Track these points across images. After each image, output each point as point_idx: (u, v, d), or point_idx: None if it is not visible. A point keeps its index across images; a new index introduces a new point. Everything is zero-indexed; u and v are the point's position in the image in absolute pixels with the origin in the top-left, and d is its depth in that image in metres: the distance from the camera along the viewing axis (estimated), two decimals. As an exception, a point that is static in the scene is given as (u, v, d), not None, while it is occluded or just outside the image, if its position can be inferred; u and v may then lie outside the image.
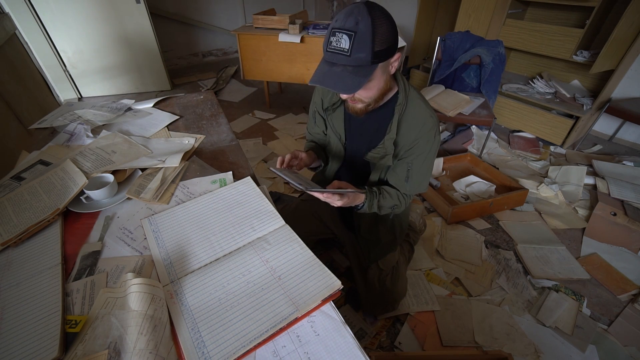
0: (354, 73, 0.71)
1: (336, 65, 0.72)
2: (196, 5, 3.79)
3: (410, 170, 0.93)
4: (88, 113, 1.22)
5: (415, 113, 0.87)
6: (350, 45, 0.68)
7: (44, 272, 0.65)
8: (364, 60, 0.70)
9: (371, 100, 0.81)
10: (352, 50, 0.68)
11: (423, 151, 0.90)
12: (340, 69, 0.71)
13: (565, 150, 2.38)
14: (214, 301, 0.60)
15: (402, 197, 0.98)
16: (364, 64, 0.70)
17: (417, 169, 0.93)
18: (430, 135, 0.88)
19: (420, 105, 0.88)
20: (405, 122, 0.88)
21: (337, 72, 0.71)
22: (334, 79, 0.71)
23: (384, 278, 1.17)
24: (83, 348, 0.53)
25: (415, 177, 0.94)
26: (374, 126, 0.93)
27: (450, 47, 2.31)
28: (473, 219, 1.76)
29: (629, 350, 1.20)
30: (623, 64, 2.13)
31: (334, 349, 0.54)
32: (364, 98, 0.80)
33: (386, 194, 0.96)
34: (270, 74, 2.71)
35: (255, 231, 0.75)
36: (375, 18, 0.67)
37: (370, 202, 0.93)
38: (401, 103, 0.86)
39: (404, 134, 0.89)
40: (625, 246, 1.60)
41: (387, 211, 0.99)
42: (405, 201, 1.00)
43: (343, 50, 0.69)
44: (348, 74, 0.71)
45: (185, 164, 0.97)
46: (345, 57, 0.69)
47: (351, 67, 0.71)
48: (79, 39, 2.74)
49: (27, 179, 0.89)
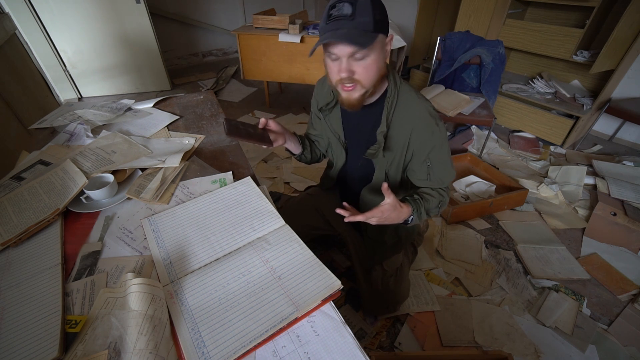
0: (359, 35, 0.71)
1: (340, 29, 0.71)
2: (196, 5, 3.79)
3: (430, 166, 0.93)
4: (88, 113, 1.22)
5: (407, 107, 0.88)
6: (353, 10, 0.69)
7: (44, 272, 0.65)
8: (367, 25, 0.70)
9: (369, 83, 0.79)
10: (356, 13, 0.69)
11: (433, 146, 0.89)
12: (345, 31, 0.71)
13: (565, 150, 2.38)
14: (214, 301, 0.60)
15: (442, 191, 0.96)
16: (367, 29, 0.71)
17: (436, 161, 0.92)
18: (431, 126, 0.87)
19: (412, 99, 0.88)
20: (398, 116, 0.88)
21: (344, 32, 0.71)
22: (343, 35, 0.71)
23: (388, 279, 1.16)
24: (83, 348, 0.53)
25: (438, 169, 0.94)
26: (369, 124, 0.93)
27: (450, 47, 2.31)
28: (473, 219, 1.76)
29: (629, 350, 1.20)
30: (623, 64, 2.13)
31: (334, 349, 0.54)
32: (364, 80, 0.78)
33: (427, 196, 0.94)
34: (270, 74, 2.71)
35: (255, 231, 0.75)
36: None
37: (418, 212, 0.91)
38: (390, 96, 0.86)
39: (397, 127, 0.89)
40: (625, 246, 1.60)
41: (435, 212, 0.97)
42: (446, 193, 0.98)
43: (346, 16, 0.70)
44: (354, 34, 0.71)
45: (185, 164, 0.97)
46: (349, 21, 0.70)
47: (356, 30, 0.71)
48: (79, 39, 2.74)
49: (27, 179, 0.89)
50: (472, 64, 2.32)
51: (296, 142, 1.04)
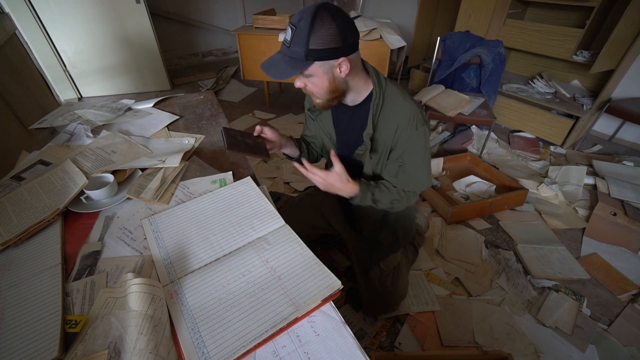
0: (287, 63, 0.77)
1: (280, 53, 0.79)
2: (196, 5, 3.79)
3: (402, 166, 0.93)
4: (88, 113, 1.22)
5: (392, 109, 0.88)
6: (291, 38, 0.75)
7: (44, 272, 0.65)
8: (298, 54, 0.75)
9: (322, 97, 0.84)
10: (291, 42, 0.75)
11: (409, 146, 0.89)
12: (280, 57, 0.78)
13: (565, 150, 2.38)
14: (214, 301, 0.60)
15: (403, 193, 0.97)
16: (298, 57, 0.75)
17: (409, 164, 0.92)
18: (410, 128, 0.87)
19: (397, 99, 0.88)
20: (383, 117, 0.89)
21: (277, 59, 0.79)
22: (272, 65, 0.79)
23: (385, 279, 1.17)
24: (83, 348, 0.53)
25: (408, 173, 0.93)
26: (357, 124, 0.94)
27: (450, 47, 2.31)
28: (473, 219, 1.76)
29: (629, 350, 1.20)
30: (623, 64, 2.13)
31: (334, 349, 0.54)
32: (315, 92, 0.84)
33: (384, 188, 0.96)
34: (270, 74, 2.71)
35: (255, 231, 0.75)
36: (318, 19, 0.71)
37: (363, 193, 0.92)
38: (376, 99, 0.87)
39: (382, 128, 0.90)
40: (625, 246, 1.60)
41: (385, 205, 0.97)
42: (407, 197, 0.98)
43: (286, 41, 0.76)
44: (283, 63, 0.77)
45: (185, 164, 0.97)
46: (286, 48, 0.77)
47: (288, 58, 0.77)
48: (79, 39, 2.74)
49: (27, 179, 0.89)
50: (472, 64, 2.32)
51: (293, 146, 1.06)
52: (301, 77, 0.81)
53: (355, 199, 0.93)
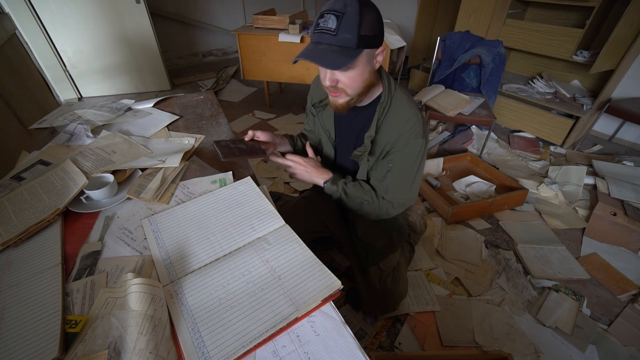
0: (339, 53, 0.71)
1: (322, 44, 0.72)
2: (196, 5, 3.79)
3: (389, 172, 0.91)
4: (88, 113, 1.22)
5: (397, 114, 0.87)
6: (337, 25, 0.69)
7: (44, 272, 0.65)
8: (349, 42, 0.70)
9: (354, 93, 0.80)
10: (339, 30, 0.69)
11: (403, 152, 0.88)
12: (326, 47, 0.72)
13: (565, 150, 2.38)
14: (214, 301, 0.60)
15: (377, 198, 0.95)
16: (350, 45, 0.71)
17: (396, 171, 0.90)
18: (410, 135, 0.86)
19: (404, 106, 0.87)
20: (387, 121, 0.88)
21: (323, 49, 0.72)
22: (319, 55, 0.72)
23: (385, 279, 1.17)
24: (83, 348, 0.53)
25: (394, 181, 0.91)
26: (360, 125, 0.94)
27: (450, 47, 2.31)
28: (473, 219, 1.76)
29: (629, 350, 1.20)
30: (623, 64, 2.13)
31: (334, 349, 0.54)
32: (348, 88, 0.79)
33: (358, 185, 0.95)
34: (270, 74, 2.71)
35: (255, 231, 0.75)
36: (363, 5, 0.70)
37: (334, 182, 0.93)
38: (384, 102, 0.86)
39: (384, 132, 0.89)
40: (625, 246, 1.60)
41: (354, 203, 0.96)
42: (380, 204, 0.95)
43: (330, 30, 0.70)
44: (333, 53, 0.71)
45: (185, 164, 0.97)
46: (332, 37, 0.70)
47: (337, 47, 0.71)
48: (79, 39, 2.74)
49: (27, 179, 0.89)
50: (472, 64, 2.32)
51: (287, 144, 1.07)
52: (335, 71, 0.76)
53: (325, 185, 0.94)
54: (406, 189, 0.94)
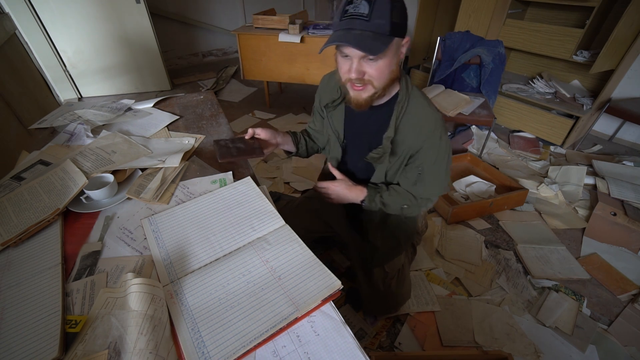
0: (373, 39, 0.68)
1: (354, 29, 0.68)
2: (196, 5, 3.79)
3: (421, 175, 0.91)
4: (88, 113, 1.22)
5: (416, 113, 0.85)
6: (370, 10, 0.66)
7: (44, 272, 0.65)
8: (383, 28, 0.67)
9: (380, 85, 0.77)
10: (372, 15, 0.66)
11: (430, 155, 0.87)
12: (359, 32, 0.68)
13: (565, 150, 2.38)
14: (214, 301, 0.60)
15: (414, 199, 0.95)
16: (383, 31, 0.67)
17: (429, 173, 0.90)
18: (434, 137, 0.84)
19: (422, 105, 0.85)
20: (406, 122, 0.85)
21: (357, 34, 0.68)
22: (356, 39, 0.67)
23: (389, 281, 1.15)
24: (83, 348, 0.53)
25: (427, 180, 0.91)
26: (374, 126, 0.90)
27: (450, 47, 2.31)
28: (473, 219, 1.76)
29: (629, 350, 1.20)
30: (623, 64, 2.13)
31: (334, 349, 0.54)
32: (375, 80, 0.75)
33: (394, 192, 0.94)
34: (270, 74, 2.71)
35: (255, 231, 0.75)
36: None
37: (371, 195, 0.91)
38: (401, 101, 0.84)
39: (403, 133, 0.86)
40: (625, 246, 1.60)
41: (395, 211, 0.96)
42: (419, 203, 0.96)
43: (362, 15, 0.66)
44: (368, 38, 0.67)
45: (185, 164, 0.97)
46: (365, 22, 0.67)
47: (370, 33, 0.67)
48: (79, 39, 2.74)
49: (27, 179, 0.89)
50: (472, 64, 2.32)
51: (290, 142, 1.05)
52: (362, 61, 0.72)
53: (364, 202, 0.92)
54: (441, 184, 0.93)
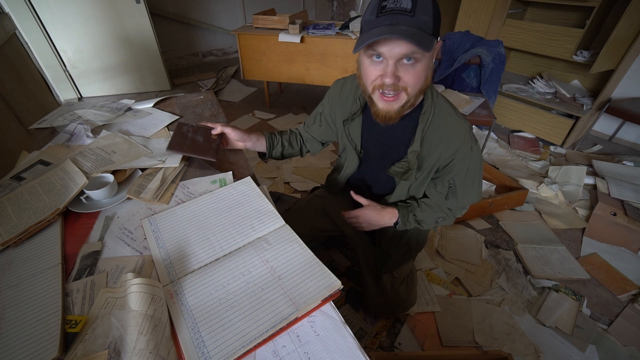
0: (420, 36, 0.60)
1: (398, 25, 0.60)
2: (196, 5, 3.79)
3: (452, 187, 0.87)
4: (88, 113, 1.22)
5: (443, 125, 0.79)
6: (413, 5, 0.59)
7: (44, 272, 0.65)
8: (427, 25, 0.61)
9: (414, 92, 0.69)
10: (416, 10, 0.59)
11: (462, 168, 0.83)
12: (405, 28, 0.60)
13: (565, 150, 2.38)
14: (214, 301, 0.60)
15: (448, 210, 0.92)
16: (427, 29, 0.61)
17: (461, 186, 0.86)
18: (465, 150, 0.80)
19: (449, 115, 0.79)
20: (432, 134, 0.79)
21: (404, 29, 0.59)
22: (405, 34, 0.59)
23: (398, 287, 1.13)
24: (83, 348, 0.53)
25: (460, 193, 0.88)
26: (395, 138, 0.85)
27: (450, 47, 2.31)
28: (473, 219, 1.76)
29: (629, 350, 1.20)
30: (623, 64, 2.13)
31: (334, 349, 0.54)
32: (409, 87, 0.68)
33: (425, 207, 0.90)
34: (270, 74, 2.71)
35: (255, 231, 0.75)
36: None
37: (404, 216, 0.87)
38: (426, 112, 0.78)
39: (430, 146, 0.80)
40: (625, 246, 1.60)
41: (430, 225, 0.94)
42: (454, 213, 0.92)
43: (405, 10, 0.59)
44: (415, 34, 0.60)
45: (185, 164, 0.97)
46: (409, 18, 0.60)
47: (414, 29, 0.60)
48: (79, 39, 2.74)
49: (27, 179, 0.89)
50: (472, 64, 2.32)
51: (262, 145, 1.01)
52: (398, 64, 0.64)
53: (397, 224, 0.89)
54: (475, 194, 0.90)
